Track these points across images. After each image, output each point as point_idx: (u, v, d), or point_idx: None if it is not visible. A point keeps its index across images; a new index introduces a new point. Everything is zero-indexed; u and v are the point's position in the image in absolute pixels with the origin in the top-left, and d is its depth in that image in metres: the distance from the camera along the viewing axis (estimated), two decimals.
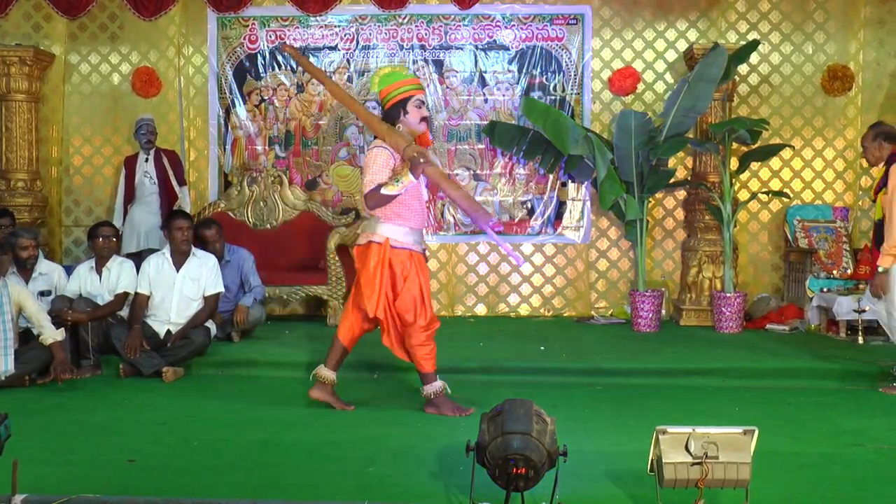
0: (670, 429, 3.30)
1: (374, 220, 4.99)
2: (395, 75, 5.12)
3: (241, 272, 7.27)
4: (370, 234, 5.01)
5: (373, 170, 4.89)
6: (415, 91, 5.04)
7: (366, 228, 5.08)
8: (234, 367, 6.38)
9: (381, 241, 4.95)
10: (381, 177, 4.87)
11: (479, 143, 8.72)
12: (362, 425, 4.88)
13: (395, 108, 5.01)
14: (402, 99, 4.99)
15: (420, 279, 5.00)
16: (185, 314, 6.45)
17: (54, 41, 8.80)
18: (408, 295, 4.97)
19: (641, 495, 3.64)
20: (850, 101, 8.53)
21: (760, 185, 8.48)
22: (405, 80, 5.10)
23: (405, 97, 5.00)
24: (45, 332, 5.80)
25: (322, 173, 8.81)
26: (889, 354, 6.18)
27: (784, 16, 8.53)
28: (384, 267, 4.94)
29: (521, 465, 3.23)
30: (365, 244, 5.03)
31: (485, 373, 6.19)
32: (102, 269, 6.52)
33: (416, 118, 5.00)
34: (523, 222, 8.73)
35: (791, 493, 3.74)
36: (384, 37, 8.72)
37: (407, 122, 5.00)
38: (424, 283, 5.03)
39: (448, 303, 8.75)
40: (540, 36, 8.65)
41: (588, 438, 4.51)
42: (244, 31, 8.75)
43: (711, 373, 6.11)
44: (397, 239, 4.96)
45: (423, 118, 5.02)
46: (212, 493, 3.70)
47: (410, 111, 4.99)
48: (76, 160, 8.89)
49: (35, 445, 4.35)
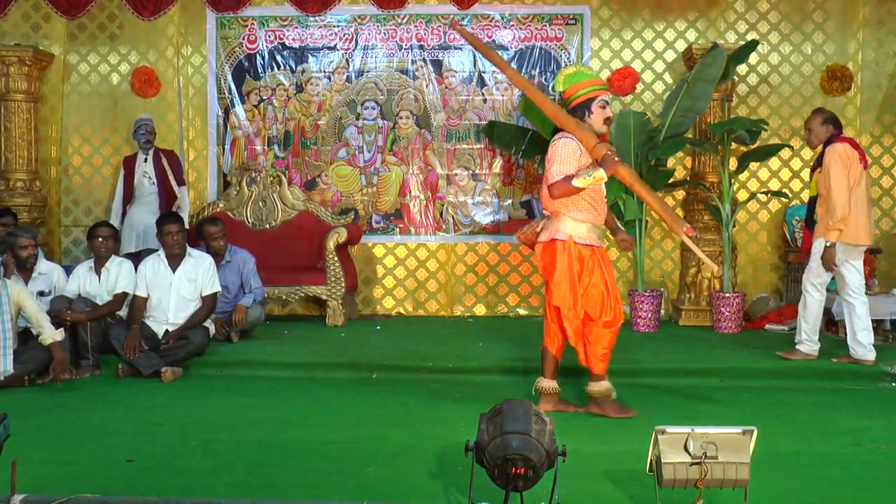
0: (669, 429, 3.30)
1: (557, 217, 4.96)
2: (580, 75, 5.02)
3: (241, 274, 7.26)
4: (553, 231, 4.97)
5: (561, 159, 4.84)
6: (599, 92, 4.95)
7: (548, 225, 5.03)
8: (233, 368, 6.38)
9: (566, 238, 4.92)
10: (568, 167, 4.81)
11: (477, 143, 8.72)
12: (361, 425, 4.88)
13: (579, 108, 4.94)
14: (587, 99, 4.92)
15: (605, 275, 4.96)
16: (182, 315, 6.45)
17: (53, 41, 8.80)
18: (594, 290, 4.93)
19: (640, 495, 3.64)
20: (849, 102, 8.53)
21: (759, 186, 8.48)
22: (590, 80, 5.00)
23: (589, 98, 4.92)
24: (45, 333, 5.80)
25: (321, 173, 8.81)
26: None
27: (783, 16, 8.54)
28: (571, 262, 4.91)
29: (520, 465, 3.23)
30: (548, 241, 5.00)
31: (484, 373, 6.20)
32: (101, 270, 6.52)
33: (599, 119, 4.92)
34: (522, 222, 8.72)
35: (790, 493, 3.74)
36: (383, 37, 8.72)
37: (591, 121, 4.92)
38: (610, 278, 4.98)
39: (447, 303, 8.76)
40: (539, 36, 8.65)
41: (587, 438, 4.52)
42: (243, 31, 8.75)
43: (710, 373, 6.11)
44: (581, 235, 4.93)
45: (606, 119, 4.94)
46: (210, 493, 3.70)
47: (594, 112, 4.91)
48: (75, 160, 8.90)
49: (34, 445, 4.35)
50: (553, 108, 5.09)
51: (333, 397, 5.60)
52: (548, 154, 4.96)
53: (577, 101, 4.95)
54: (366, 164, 8.79)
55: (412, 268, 8.79)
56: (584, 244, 4.93)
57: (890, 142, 8.56)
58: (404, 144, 8.77)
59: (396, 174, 8.77)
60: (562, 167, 4.83)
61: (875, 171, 8.54)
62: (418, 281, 8.79)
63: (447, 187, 8.75)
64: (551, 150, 4.93)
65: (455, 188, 8.75)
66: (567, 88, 4.98)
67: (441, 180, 8.76)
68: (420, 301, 8.79)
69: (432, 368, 6.25)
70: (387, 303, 8.81)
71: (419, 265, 8.79)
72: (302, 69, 8.77)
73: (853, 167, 6.07)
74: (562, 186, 4.82)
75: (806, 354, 6.25)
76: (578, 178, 4.76)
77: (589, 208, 4.92)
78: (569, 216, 4.92)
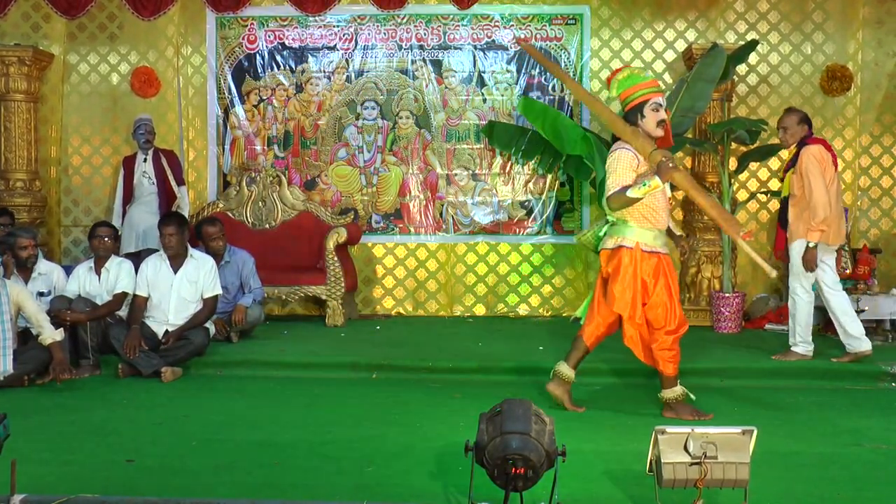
0: (669, 429, 3.31)
1: (623, 224, 4.95)
2: (633, 78, 5.00)
3: (240, 274, 7.26)
4: (619, 238, 4.97)
5: (618, 171, 4.84)
6: (652, 94, 4.92)
7: (614, 232, 5.02)
8: (233, 368, 6.38)
9: (632, 246, 4.92)
10: (625, 179, 4.81)
11: (477, 143, 8.72)
12: (361, 425, 4.88)
13: (632, 111, 4.93)
14: (640, 103, 4.91)
15: (669, 283, 4.96)
16: (182, 316, 6.45)
17: (53, 41, 8.80)
18: (658, 299, 4.94)
19: (640, 495, 3.64)
20: (848, 102, 8.53)
21: (759, 185, 8.48)
22: (642, 83, 4.97)
23: (642, 101, 4.90)
24: (44, 333, 5.80)
25: (321, 173, 8.81)
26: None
27: (783, 16, 8.54)
28: (637, 270, 4.91)
29: (519, 465, 3.23)
30: (614, 248, 4.99)
31: (483, 373, 6.20)
32: (101, 270, 6.52)
33: (653, 122, 4.89)
34: (522, 222, 8.73)
35: (790, 493, 3.74)
36: (383, 37, 8.72)
37: (644, 125, 4.90)
38: (673, 285, 4.99)
39: (447, 303, 8.76)
40: (539, 36, 8.65)
41: (587, 438, 4.52)
42: (243, 30, 8.75)
43: (710, 373, 6.11)
44: (647, 243, 4.93)
45: (660, 122, 4.90)
46: (210, 493, 3.71)
47: (647, 115, 4.89)
48: (75, 160, 8.89)
49: (34, 445, 4.35)
50: (611, 117, 5.11)
51: (333, 397, 5.60)
52: (606, 164, 4.97)
53: (630, 105, 4.94)
54: (365, 164, 8.79)
55: (412, 268, 8.79)
56: (650, 252, 4.94)
57: (890, 142, 8.56)
58: (404, 144, 8.77)
59: (396, 174, 8.77)
60: (618, 179, 4.83)
61: (875, 171, 8.55)
62: (418, 281, 8.79)
63: (447, 187, 8.75)
64: (609, 161, 4.94)
65: (455, 188, 8.75)
66: (621, 92, 4.98)
67: (441, 180, 8.76)
68: (420, 301, 8.79)
69: (432, 368, 6.25)
70: (386, 303, 8.81)
71: (419, 265, 8.79)
72: (302, 69, 8.77)
73: (827, 169, 6.15)
74: (619, 198, 4.82)
75: (801, 355, 6.27)
76: (634, 188, 4.75)
77: (652, 215, 4.92)
78: (634, 223, 4.92)
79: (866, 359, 6.23)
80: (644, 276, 4.92)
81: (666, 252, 5.03)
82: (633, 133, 4.89)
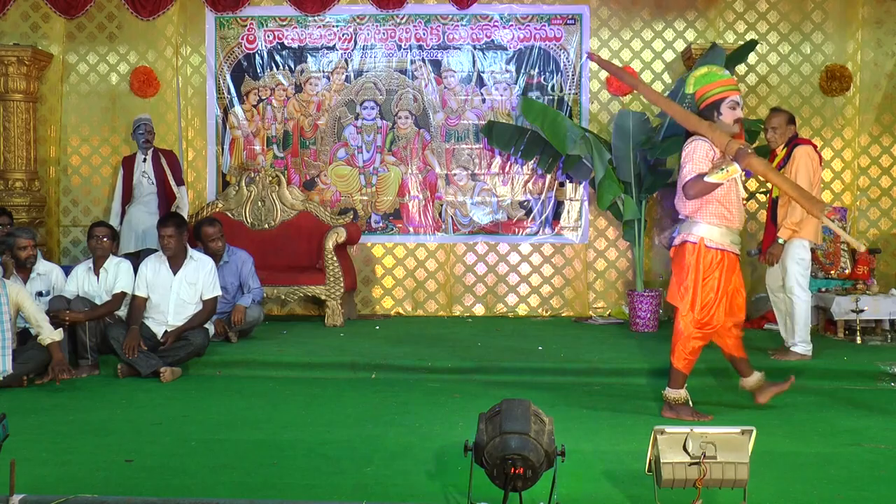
0: (668, 429, 3.31)
1: (692, 220, 4.96)
2: (712, 76, 5.00)
3: (239, 274, 7.26)
4: (686, 234, 4.98)
5: (694, 160, 4.85)
6: (730, 92, 4.92)
7: (682, 228, 5.04)
8: (232, 368, 6.38)
9: (696, 241, 4.93)
10: (701, 167, 4.82)
11: (476, 143, 8.72)
12: (360, 425, 4.88)
13: (709, 108, 4.93)
14: (717, 100, 4.91)
15: (719, 281, 4.92)
16: (181, 316, 6.44)
17: (52, 41, 8.80)
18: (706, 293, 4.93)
19: (639, 495, 3.64)
20: (848, 102, 8.54)
21: (758, 186, 8.48)
22: (721, 80, 4.98)
23: (720, 98, 4.90)
24: (44, 333, 5.80)
25: (320, 173, 8.81)
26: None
27: (782, 16, 8.55)
28: (697, 265, 4.91)
29: (518, 465, 3.23)
30: (680, 244, 5.01)
31: (483, 372, 6.19)
32: (100, 270, 6.52)
33: (730, 119, 4.89)
34: (521, 222, 8.73)
35: (789, 493, 3.74)
36: (382, 37, 8.72)
37: (721, 123, 4.90)
38: (722, 285, 4.93)
39: (446, 303, 8.76)
40: (538, 36, 8.65)
41: (586, 438, 4.51)
42: (242, 30, 8.75)
43: (709, 372, 6.10)
44: (712, 239, 4.92)
45: (737, 119, 4.91)
46: (209, 493, 3.70)
47: (724, 112, 4.89)
48: (74, 160, 8.89)
49: (33, 445, 4.35)
50: (683, 113, 5.11)
51: (332, 397, 5.60)
52: (681, 157, 4.98)
53: (706, 102, 4.94)
54: (365, 163, 8.79)
55: (411, 268, 8.79)
56: (714, 248, 4.92)
57: (889, 142, 8.56)
58: (403, 144, 8.77)
59: (395, 174, 8.77)
60: (694, 167, 4.84)
61: (874, 171, 8.55)
62: (417, 281, 8.79)
63: (446, 187, 8.75)
64: (684, 153, 4.94)
65: (454, 188, 8.76)
66: (698, 89, 4.98)
67: (440, 180, 8.76)
68: (419, 301, 8.79)
69: (431, 368, 6.25)
70: (386, 303, 8.81)
71: (418, 265, 8.79)
72: (301, 69, 8.77)
73: (816, 171, 6.19)
74: (695, 184, 4.82)
75: (801, 355, 6.25)
76: (712, 174, 4.76)
77: (722, 212, 4.90)
78: (701, 220, 4.92)
79: (865, 359, 6.24)
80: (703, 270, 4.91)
81: (734, 251, 4.98)
82: (709, 126, 4.89)
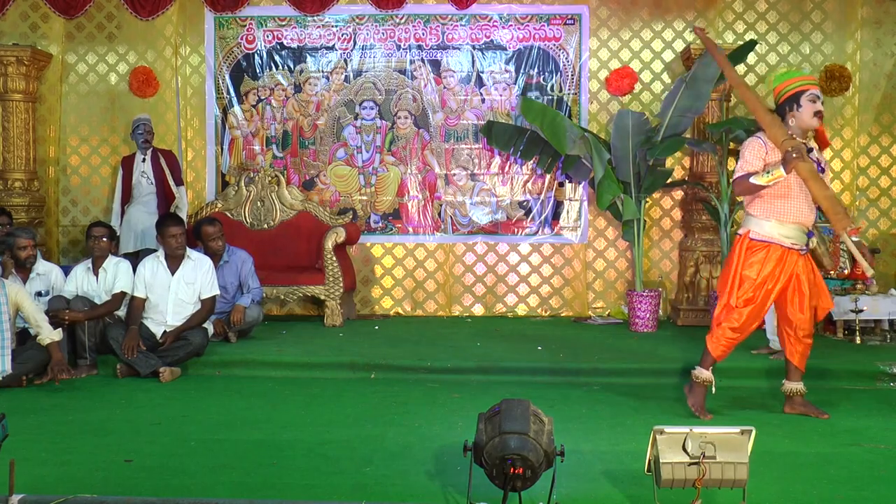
0: (668, 429, 3.31)
1: (747, 214, 5.02)
2: (792, 73, 5.08)
3: (239, 274, 7.26)
4: (740, 228, 5.08)
5: (745, 158, 4.90)
6: (810, 86, 4.93)
7: (742, 222, 5.12)
8: (232, 368, 6.38)
9: (743, 233, 4.99)
10: (751, 166, 4.86)
11: (476, 143, 8.72)
12: (359, 425, 4.88)
13: (787, 101, 4.93)
14: (796, 93, 4.91)
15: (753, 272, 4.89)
16: (180, 316, 6.44)
17: (51, 41, 8.80)
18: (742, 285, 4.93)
19: (639, 495, 3.64)
20: (847, 102, 8.54)
21: None
22: (801, 76, 5.04)
23: (799, 91, 4.90)
24: (43, 333, 5.80)
25: (319, 173, 8.81)
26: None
27: (781, 16, 8.54)
28: (739, 255, 4.95)
29: (518, 465, 3.23)
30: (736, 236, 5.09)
31: (482, 373, 6.19)
32: (99, 270, 6.52)
33: (809, 112, 4.87)
34: (520, 222, 8.73)
35: (788, 493, 3.74)
36: (381, 37, 8.72)
37: (799, 115, 4.89)
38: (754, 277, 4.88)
39: (445, 303, 8.76)
40: (537, 36, 8.65)
41: (585, 438, 4.51)
42: (241, 30, 8.75)
43: None
44: (760, 231, 4.94)
45: (816, 112, 4.88)
46: (209, 493, 3.70)
47: (804, 105, 4.88)
48: (73, 160, 8.89)
49: (32, 445, 4.35)
50: (755, 105, 5.10)
51: (332, 397, 5.60)
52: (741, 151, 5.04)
53: (786, 96, 4.95)
54: (364, 163, 8.79)
55: (410, 268, 8.79)
56: (759, 240, 4.93)
57: (888, 142, 8.56)
58: (402, 144, 8.76)
59: (395, 174, 8.77)
60: (744, 165, 4.89)
61: (873, 171, 8.55)
62: (416, 281, 8.79)
63: (445, 187, 8.75)
64: (741, 149, 5.01)
65: (453, 188, 8.75)
66: (777, 85, 5.01)
67: (439, 180, 8.76)
68: (418, 301, 8.79)
69: (430, 368, 6.25)
70: (385, 303, 8.81)
71: (417, 265, 8.79)
72: (300, 69, 8.77)
73: None
74: (741, 184, 4.89)
75: (774, 350, 6.38)
76: (757, 176, 4.80)
77: (771, 206, 4.90)
78: (752, 214, 4.98)
79: (864, 359, 6.24)
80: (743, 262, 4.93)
81: (786, 245, 4.92)
82: (771, 122, 4.91)
